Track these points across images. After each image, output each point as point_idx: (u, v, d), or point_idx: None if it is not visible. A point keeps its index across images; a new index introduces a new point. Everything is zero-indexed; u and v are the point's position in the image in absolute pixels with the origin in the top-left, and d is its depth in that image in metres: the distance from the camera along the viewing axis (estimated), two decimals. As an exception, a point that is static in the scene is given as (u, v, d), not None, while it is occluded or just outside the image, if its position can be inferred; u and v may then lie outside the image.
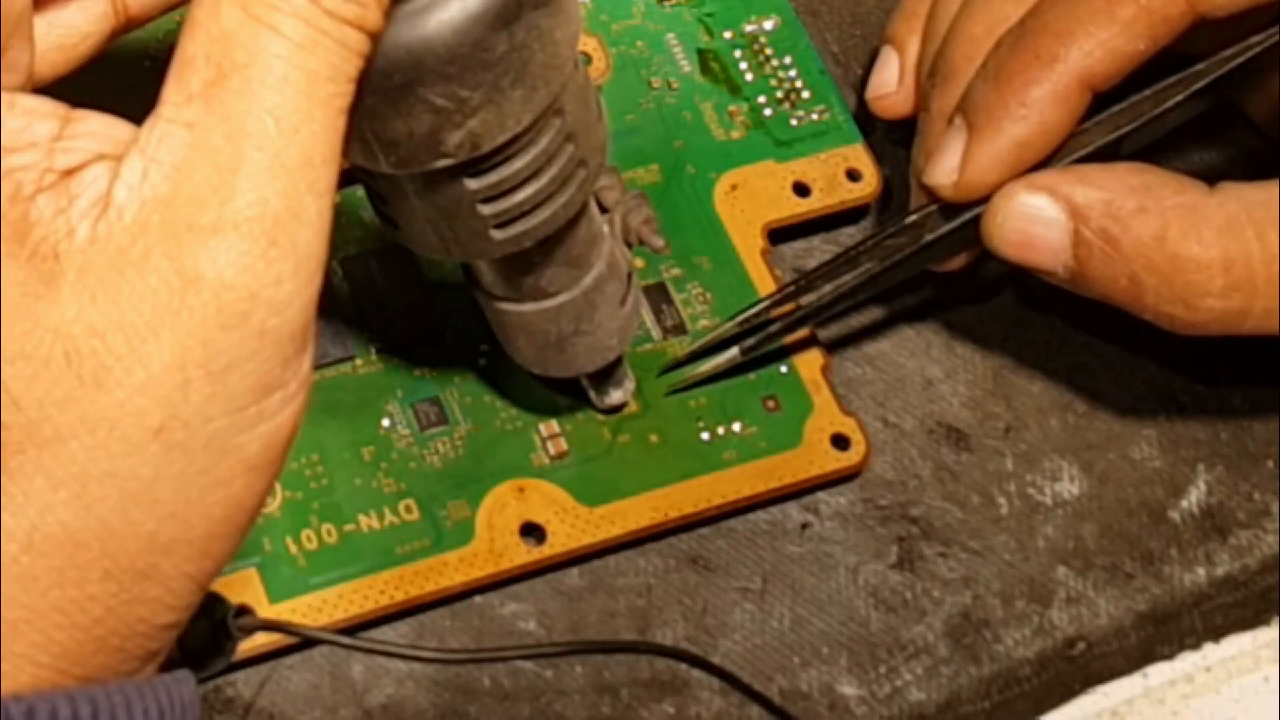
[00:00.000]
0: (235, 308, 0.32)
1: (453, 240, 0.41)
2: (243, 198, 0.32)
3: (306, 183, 0.33)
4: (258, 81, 0.33)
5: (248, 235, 0.32)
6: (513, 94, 0.38)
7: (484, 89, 0.37)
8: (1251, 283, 0.45)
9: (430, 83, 0.37)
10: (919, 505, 0.48)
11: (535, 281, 0.43)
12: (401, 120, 0.37)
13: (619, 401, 0.47)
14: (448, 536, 0.45)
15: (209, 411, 0.33)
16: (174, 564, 0.33)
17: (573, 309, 0.44)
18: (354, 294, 0.48)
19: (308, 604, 0.44)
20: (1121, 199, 0.45)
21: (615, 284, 0.44)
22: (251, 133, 0.33)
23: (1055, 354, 0.51)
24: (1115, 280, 0.45)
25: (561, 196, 0.41)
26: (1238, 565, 0.49)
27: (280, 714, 0.44)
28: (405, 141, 0.38)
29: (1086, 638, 0.48)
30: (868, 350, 0.50)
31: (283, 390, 0.33)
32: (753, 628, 0.46)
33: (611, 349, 0.45)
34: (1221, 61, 0.46)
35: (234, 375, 0.33)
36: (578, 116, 0.40)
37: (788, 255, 0.51)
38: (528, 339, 0.45)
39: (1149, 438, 0.50)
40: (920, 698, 0.46)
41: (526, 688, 0.45)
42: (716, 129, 0.52)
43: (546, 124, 0.39)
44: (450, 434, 0.47)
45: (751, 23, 0.53)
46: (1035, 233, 0.46)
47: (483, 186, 0.39)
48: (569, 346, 0.45)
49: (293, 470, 0.45)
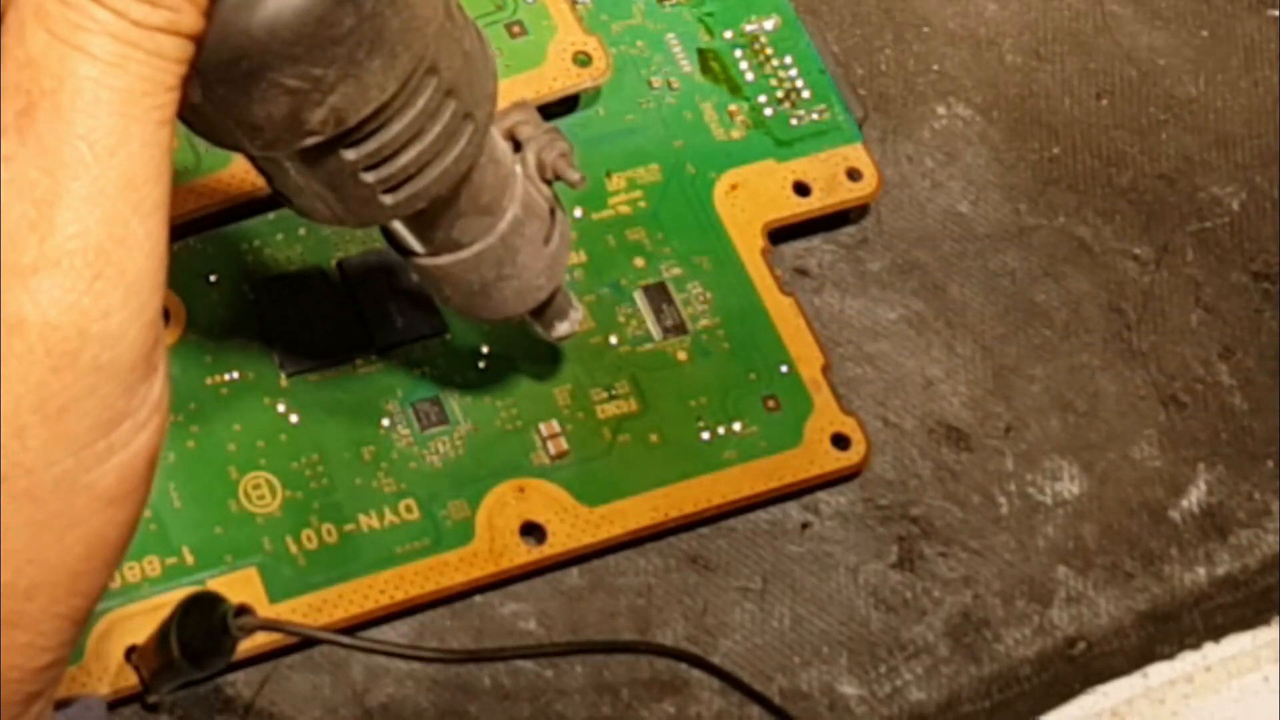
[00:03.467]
0: (63, 348, 0.31)
1: (344, 210, 0.40)
2: (62, 232, 0.31)
3: (130, 205, 0.32)
4: (68, 107, 0.31)
5: (70, 270, 0.31)
6: (371, 64, 0.36)
7: (338, 64, 0.36)
8: None
9: (279, 66, 0.35)
10: (919, 505, 0.48)
11: (448, 234, 0.42)
12: (258, 106, 0.36)
13: (566, 333, 0.46)
14: (448, 536, 0.45)
15: (51, 455, 0.32)
16: (40, 608, 0.33)
17: (492, 256, 0.43)
18: (352, 294, 0.48)
19: (308, 604, 0.44)
20: None
21: (535, 224, 0.43)
22: (67, 162, 0.31)
23: (1055, 354, 0.51)
24: None
25: (450, 152, 0.40)
26: (1238, 565, 0.49)
27: (280, 714, 0.44)
28: (267, 125, 0.36)
29: (1086, 637, 0.48)
30: (868, 350, 0.50)
31: (132, 419, 0.32)
32: (753, 627, 0.46)
33: (541, 289, 0.44)
34: None
35: (72, 415, 0.32)
36: (456, 70, 0.39)
37: (788, 255, 0.51)
38: (453, 289, 0.44)
39: (1149, 438, 0.50)
40: (920, 697, 0.46)
41: (526, 688, 0.45)
42: (716, 129, 0.52)
43: (420, 84, 0.38)
44: (450, 434, 0.47)
45: (751, 23, 0.53)
46: None
47: (362, 155, 0.38)
48: (495, 292, 0.44)
49: (293, 470, 0.45)
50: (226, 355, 0.47)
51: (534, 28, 0.51)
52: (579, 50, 0.51)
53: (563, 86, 0.50)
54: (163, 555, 0.44)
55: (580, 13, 0.52)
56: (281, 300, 0.47)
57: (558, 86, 0.50)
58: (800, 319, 0.49)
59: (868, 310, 0.51)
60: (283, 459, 0.46)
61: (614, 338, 0.48)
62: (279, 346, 0.47)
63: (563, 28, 0.51)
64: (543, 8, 0.51)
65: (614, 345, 0.48)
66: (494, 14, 0.51)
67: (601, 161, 0.50)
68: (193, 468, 0.45)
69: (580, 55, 0.51)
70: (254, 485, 0.45)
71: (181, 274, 0.47)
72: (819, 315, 0.50)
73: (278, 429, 0.46)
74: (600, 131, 0.51)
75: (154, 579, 0.44)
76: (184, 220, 0.47)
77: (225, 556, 0.44)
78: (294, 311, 0.47)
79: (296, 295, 0.47)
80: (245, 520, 0.45)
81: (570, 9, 0.51)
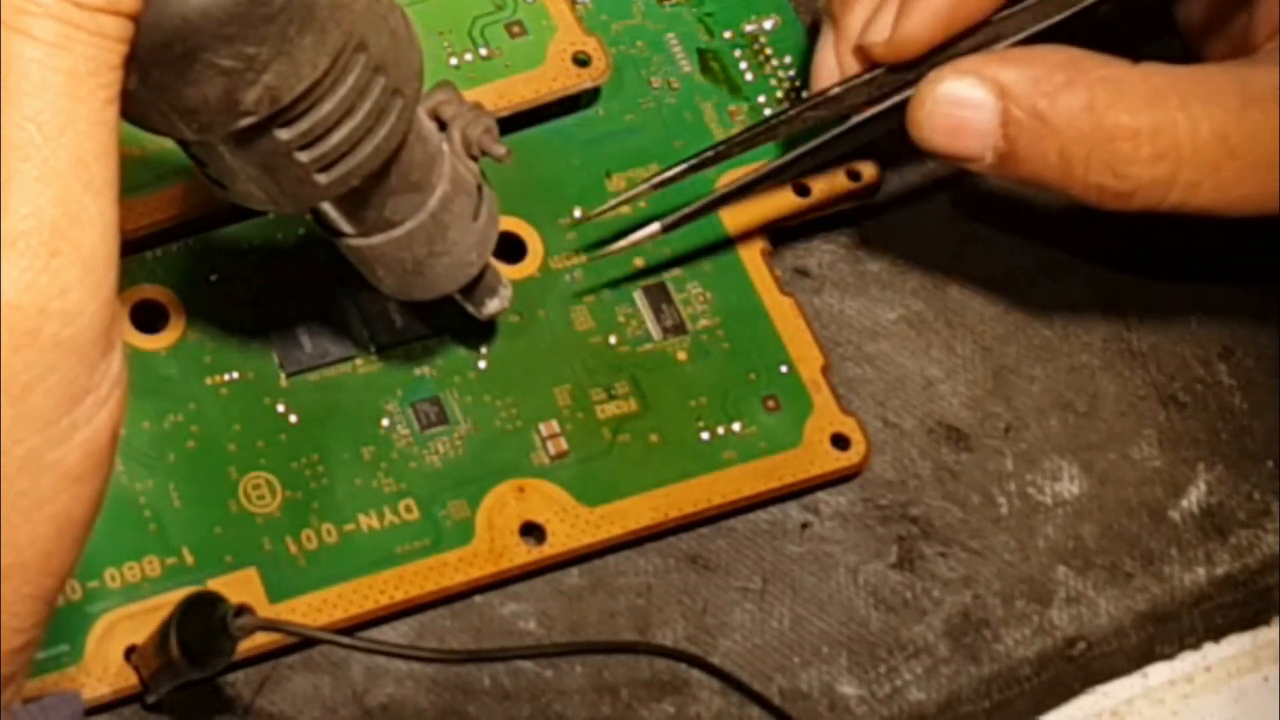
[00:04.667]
0: (23, 326, 0.32)
1: (279, 192, 0.40)
2: (15, 212, 0.32)
3: (82, 184, 0.32)
4: (15, 90, 0.32)
5: (25, 250, 0.32)
6: (302, 41, 0.37)
7: (271, 42, 0.36)
8: (1177, 152, 0.45)
9: (213, 47, 0.36)
10: (919, 505, 0.48)
11: (380, 213, 0.43)
12: (193, 88, 0.36)
13: (497, 310, 0.47)
14: (448, 536, 0.45)
15: (16, 434, 0.32)
16: (12, 588, 0.33)
17: (423, 233, 0.44)
18: (353, 293, 0.48)
19: (308, 604, 0.44)
20: (1048, 75, 0.46)
21: (463, 200, 0.44)
22: (16, 144, 0.32)
23: (1055, 354, 0.51)
24: (1045, 156, 0.46)
25: (381, 129, 0.40)
26: (1238, 565, 0.49)
27: (280, 714, 0.44)
28: (203, 107, 0.37)
29: (1086, 638, 0.48)
30: (868, 350, 0.50)
31: (94, 395, 0.33)
32: (753, 628, 0.46)
33: (472, 264, 0.45)
34: None
35: (35, 393, 0.32)
36: (384, 48, 0.39)
37: (788, 255, 0.51)
38: (386, 269, 0.44)
39: (1149, 438, 0.50)
40: (920, 698, 0.46)
41: (526, 688, 0.45)
42: (716, 129, 0.51)
43: (349, 62, 0.39)
44: (450, 434, 0.47)
45: (751, 23, 0.53)
46: (964, 116, 0.46)
47: (295, 135, 0.39)
48: (428, 269, 0.44)
49: (293, 470, 0.45)
50: (226, 355, 0.47)
51: (534, 28, 0.51)
52: (579, 50, 0.51)
53: (562, 86, 0.50)
54: (163, 555, 0.44)
55: (580, 13, 0.52)
56: (281, 300, 0.47)
57: (557, 86, 0.50)
58: (800, 319, 0.49)
59: (868, 310, 0.51)
60: (283, 459, 0.46)
61: (614, 338, 0.48)
62: (279, 346, 0.47)
63: (562, 28, 0.51)
64: (543, 8, 0.51)
65: (614, 345, 0.48)
66: (494, 14, 0.51)
67: (601, 161, 0.51)
68: (193, 468, 0.45)
69: (580, 55, 0.51)
70: (254, 485, 0.45)
71: (181, 274, 0.47)
72: (819, 315, 0.50)
73: (278, 429, 0.46)
74: (600, 131, 0.51)
75: (154, 579, 0.44)
76: (184, 220, 0.47)
77: (225, 556, 0.44)
78: (294, 311, 0.47)
79: (296, 295, 0.47)
80: (245, 520, 0.45)
81: (570, 9, 0.51)
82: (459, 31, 0.51)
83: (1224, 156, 0.45)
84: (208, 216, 0.48)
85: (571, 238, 0.49)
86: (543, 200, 0.50)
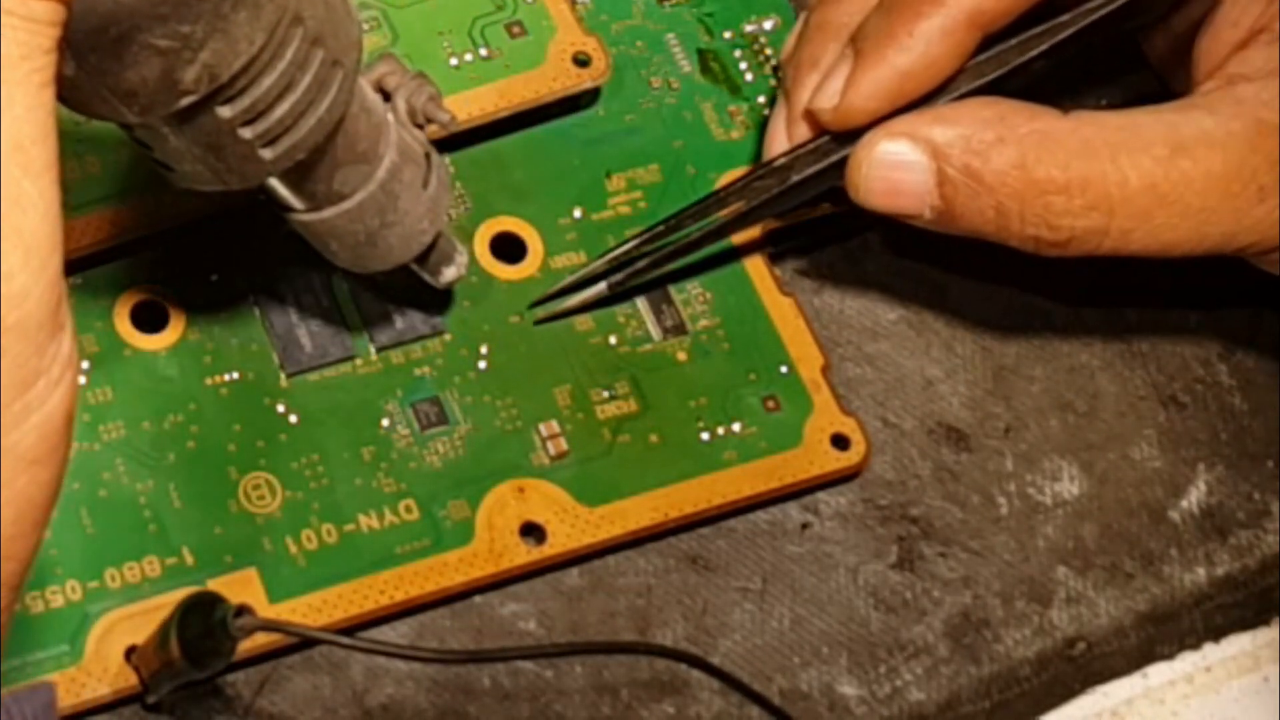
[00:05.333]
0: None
1: (226, 170, 0.41)
2: None
3: (20, 168, 0.32)
4: None
5: None
6: (236, 17, 0.37)
7: (205, 20, 0.37)
8: (1108, 202, 0.46)
9: (148, 27, 0.36)
10: (919, 505, 0.48)
11: (329, 186, 0.43)
12: (131, 70, 0.37)
13: (454, 277, 0.47)
14: (448, 536, 0.45)
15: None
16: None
17: (374, 204, 0.44)
18: (353, 293, 0.48)
19: (308, 604, 0.44)
20: (979, 132, 0.46)
21: (411, 169, 0.44)
22: None
23: (1055, 354, 0.51)
24: (982, 213, 0.46)
25: (323, 101, 0.40)
26: (1238, 565, 0.49)
27: (280, 714, 0.44)
28: (142, 89, 0.37)
29: (1086, 638, 0.48)
30: (868, 350, 0.50)
31: (46, 377, 0.33)
32: (753, 628, 0.46)
33: (425, 232, 0.45)
34: (1089, 10, 0.48)
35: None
36: (320, 19, 0.40)
37: (788, 255, 0.51)
38: (339, 243, 0.44)
39: (1149, 438, 0.50)
40: (920, 698, 0.46)
41: (526, 688, 0.45)
42: (716, 129, 0.52)
43: (286, 35, 0.39)
44: (450, 434, 0.47)
45: (751, 23, 0.53)
46: (899, 178, 0.47)
47: (238, 112, 0.39)
48: (381, 240, 0.44)
49: (293, 470, 0.45)
50: (226, 355, 0.47)
51: (534, 28, 0.51)
52: (579, 50, 0.51)
53: (562, 86, 0.50)
54: (163, 555, 0.44)
55: (580, 13, 0.52)
56: (282, 300, 0.47)
57: (557, 86, 0.50)
58: (800, 319, 0.49)
59: (868, 310, 0.51)
60: (283, 459, 0.46)
61: (614, 338, 0.48)
62: (279, 346, 0.47)
63: (562, 28, 0.51)
64: (542, 8, 0.51)
65: (614, 345, 0.48)
66: (494, 14, 0.51)
67: (601, 162, 0.51)
68: (193, 468, 0.45)
69: (580, 55, 0.51)
70: (254, 485, 0.45)
71: (181, 274, 0.47)
72: (819, 315, 0.50)
73: (278, 429, 0.46)
74: (600, 132, 0.51)
75: (154, 579, 0.44)
76: (184, 221, 0.47)
77: (225, 556, 0.44)
78: (294, 311, 0.47)
79: (296, 295, 0.47)
80: (245, 520, 0.45)
81: (570, 9, 0.51)
82: (459, 32, 0.51)
83: (1154, 204, 0.46)
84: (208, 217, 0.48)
85: (571, 238, 0.49)
86: (543, 200, 0.50)
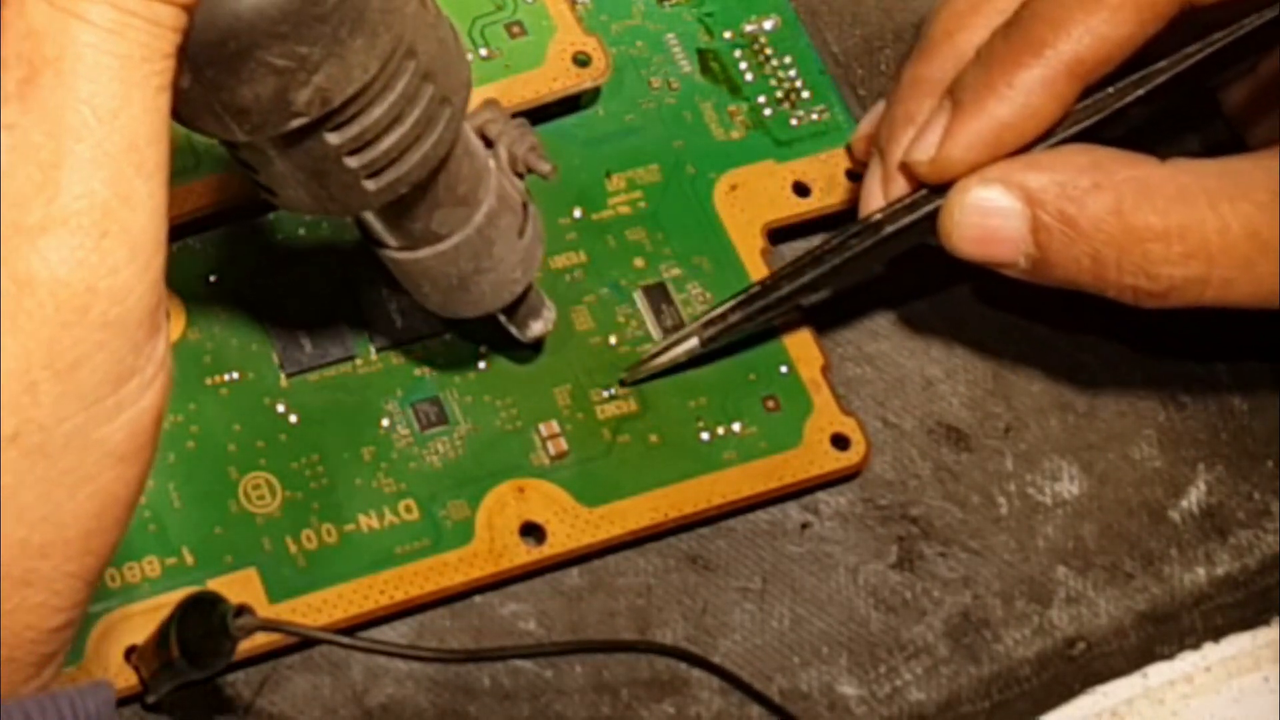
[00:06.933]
0: (73, 303, 0.32)
1: (327, 198, 0.41)
2: (68, 192, 0.32)
3: (133, 167, 0.33)
4: (70, 73, 0.32)
5: (77, 229, 0.32)
6: (353, 43, 0.37)
7: (323, 43, 0.37)
8: (1207, 250, 0.45)
9: (266, 45, 0.36)
10: (919, 505, 0.48)
11: (426, 226, 0.43)
12: (246, 87, 0.37)
13: (540, 332, 0.47)
14: (448, 536, 0.45)
15: (63, 411, 0.32)
16: (53, 566, 0.33)
17: (469, 248, 0.44)
18: (353, 293, 0.48)
19: (308, 604, 0.44)
20: (1074, 179, 0.45)
21: (509, 216, 0.44)
22: (70, 125, 0.32)
23: (1055, 354, 0.51)
24: (1078, 261, 0.46)
25: (429, 138, 0.41)
26: (1238, 565, 0.49)
27: (280, 714, 0.44)
28: (254, 107, 0.37)
29: (1086, 638, 0.48)
30: (868, 350, 0.50)
31: (139, 376, 0.33)
32: (753, 627, 0.46)
33: (517, 282, 0.45)
34: (1184, 56, 0.47)
35: (83, 371, 0.32)
36: (433, 55, 0.40)
37: (788, 255, 0.51)
38: (431, 285, 0.44)
39: (1149, 438, 0.50)
40: (920, 698, 0.46)
41: (526, 688, 0.45)
42: (716, 129, 0.52)
43: (398, 67, 0.39)
44: (450, 434, 0.47)
45: (751, 23, 0.53)
46: (993, 225, 0.46)
47: (345, 139, 0.39)
48: (473, 286, 0.45)
49: (293, 470, 0.45)
50: (226, 355, 0.47)
51: (534, 28, 0.51)
52: (579, 50, 0.51)
53: (562, 86, 0.50)
54: (163, 555, 0.44)
55: (580, 13, 0.52)
56: (281, 300, 0.47)
57: (557, 86, 0.50)
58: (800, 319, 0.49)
59: (868, 310, 0.51)
60: (283, 459, 0.46)
61: (614, 338, 0.48)
62: (279, 346, 0.47)
63: (562, 28, 0.51)
64: (542, 8, 0.51)
65: (614, 345, 0.48)
66: (494, 14, 0.51)
67: (601, 162, 0.51)
68: (193, 468, 0.45)
69: (580, 55, 0.51)
70: (254, 485, 0.45)
71: (181, 274, 0.47)
72: (819, 315, 0.50)
73: (278, 429, 0.46)
74: (600, 132, 0.51)
75: (154, 579, 0.44)
76: (184, 220, 0.47)
77: (225, 557, 0.44)
78: (294, 311, 0.47)
79: (296, 295, 0.47)
80: (245, 520, 0.45)
81: (570, 9, 0.51)
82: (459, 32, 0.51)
83: (1256, 252, 0.45)
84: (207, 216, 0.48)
85: (571, 238, 0.49)
86: (543, 200, 0.50)
